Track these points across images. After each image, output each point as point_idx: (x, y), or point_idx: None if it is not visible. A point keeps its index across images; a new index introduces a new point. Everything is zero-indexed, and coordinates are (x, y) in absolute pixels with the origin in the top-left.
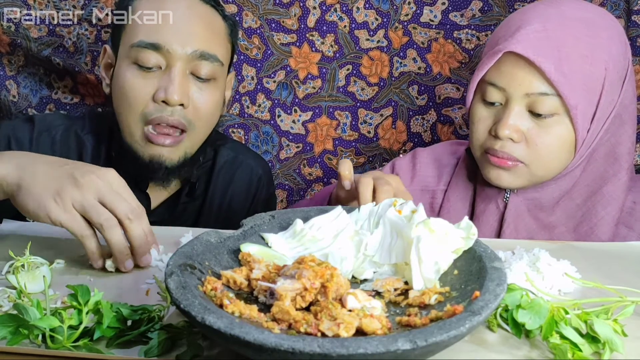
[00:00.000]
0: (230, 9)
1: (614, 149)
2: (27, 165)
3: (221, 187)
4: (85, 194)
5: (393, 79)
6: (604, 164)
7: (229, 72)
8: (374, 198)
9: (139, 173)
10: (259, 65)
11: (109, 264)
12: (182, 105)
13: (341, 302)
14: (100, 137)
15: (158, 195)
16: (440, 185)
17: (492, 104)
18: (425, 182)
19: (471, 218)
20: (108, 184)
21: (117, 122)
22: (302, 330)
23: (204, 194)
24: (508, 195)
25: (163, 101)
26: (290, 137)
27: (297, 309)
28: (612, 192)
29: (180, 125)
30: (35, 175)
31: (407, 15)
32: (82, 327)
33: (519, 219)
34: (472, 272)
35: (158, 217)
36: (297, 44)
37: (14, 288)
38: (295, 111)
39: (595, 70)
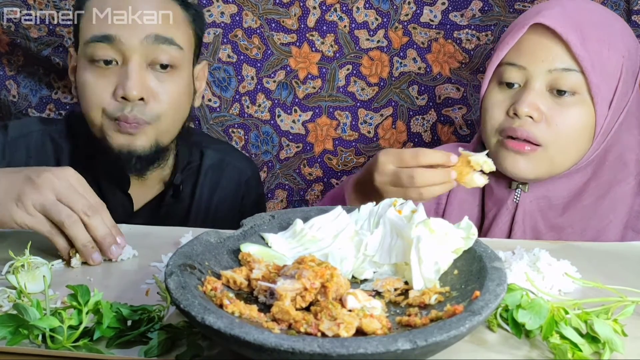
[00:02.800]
0: (230, 9)
1: (623, 154)
2: None
3: (208, 190)
4: (44, 194)
5: (393, 79)
6: (614, 169)
7: (197, 61)
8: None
9: (114, 168)
10: (259, 65)
11: (74, 262)
12: (142, 100)
13: (341, 302)
14: (79, 139)
15: (141, 196)
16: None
17: (510, 86)
18: None
19: (482, 221)
20: (65, 181)
21: (86, 119)
22: (302, 330)
23: (190, 197)
24: (518, 196)
25: (122, 97)
26: (290, 137)
27: (297, 309)
28: (620, 196)
29: (140, 121)
30: None
31: (407, 15)
32: (82, 327)
33: (529, 219)
34: (472, 272)
35: (141, 219)
36: (297, 44)
37: (14, 288)
38: (295, 111)
39: (613, 55)
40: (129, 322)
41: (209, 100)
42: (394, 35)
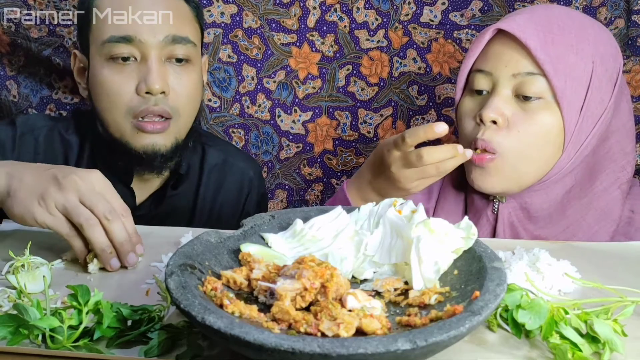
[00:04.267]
0: (230, 9)
1: (608, 164)
2: (15, 172)
3: (212, 191)
4: (66, 195)
5: (393, 79)
6: (597, 179)
7: (202, 54)
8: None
9: (130, 166)
10: (259, 65)
11: (91, 267)
12: (163, 93)
13: (341, 302)
14: (86, 135)
15: (143, 190)
16: (431, 203)
17: (479, 93)
18: (416, 201)
19: None
20: (90, 184)
21: (101, 120)
22: (302, 330)
23: (194, 195)
24: (497, 206)
25: (146, 92)
26: (290, 137)
27: (297, 309)
28: (604, 207)
29: (165, 113)
30: (22, 181)
31: (407, 15)
32: (82, 327)
33: (509, 230)
34: (472, 272)
35: (144, 211)
36: (297, 44)
37: (14, 288)
38: (295, 111)
39: (581, 61)
40: (129, 322)
41: (209, 100)
42: (394, 35)
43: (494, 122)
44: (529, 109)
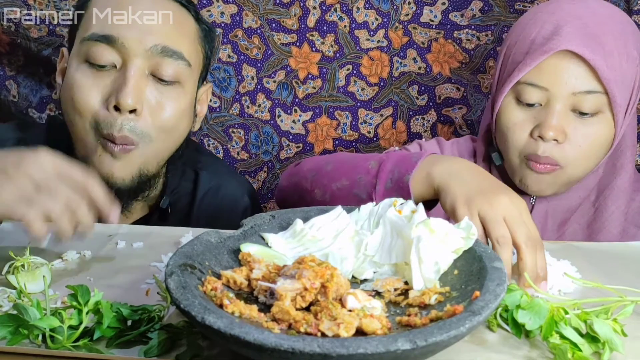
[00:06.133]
0: (230, 9)
1: (620, 142)
2: None
3: (205, 217)
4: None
5: (393, 79)
6: (612, 158)
7: (202, 82)
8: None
9: None
10: (259, 65)
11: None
12: (134, 112)
13: (341, 302)
14: (60, 148)
15: (123, 220)
16: None
17: (530, 105)
18: None
19: None
20: (42, 168)
21: (70, 132)
22: (302, 330)
23: (185, 223)
24: (534, 201)
25: (115, 107)
26: (291, 137)
27: (297, 309)
28: (621, 185)
29: (127, 141)
30: None
31: (407, 15)
32: (82, 327)
33: (544, 219)
34: (472, 272)
35: None
36: (297, 44)
37: (14, 288)
38: (296, 111)
39: (629, 67)
40: (129, 322)
41: (209, 100)
42: (394, 35)
43: (555, 139)
44: (586, 123)
